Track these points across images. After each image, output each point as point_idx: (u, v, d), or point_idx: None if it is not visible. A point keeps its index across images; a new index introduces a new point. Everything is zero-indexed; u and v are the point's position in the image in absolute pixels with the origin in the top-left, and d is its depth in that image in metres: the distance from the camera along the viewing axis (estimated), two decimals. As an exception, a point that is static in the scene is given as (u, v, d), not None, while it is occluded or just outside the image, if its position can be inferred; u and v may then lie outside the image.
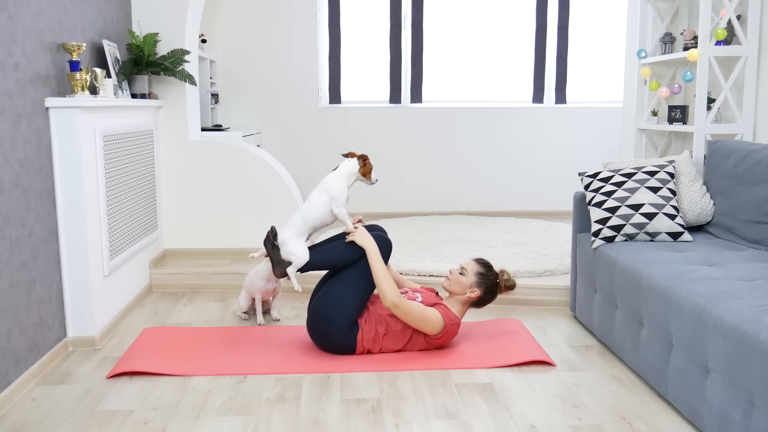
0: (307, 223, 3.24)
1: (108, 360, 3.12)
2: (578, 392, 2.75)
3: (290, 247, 3.18)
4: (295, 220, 3.24)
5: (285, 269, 3.18)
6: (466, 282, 3.15)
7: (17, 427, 2.47)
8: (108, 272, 3.44)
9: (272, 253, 3.19)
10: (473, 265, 3.20)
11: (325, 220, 3.26)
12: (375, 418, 2.53)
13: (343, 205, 3.24)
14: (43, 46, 3.05)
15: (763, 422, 1.99)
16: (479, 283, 3.15)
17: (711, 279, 2.51)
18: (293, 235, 3.21)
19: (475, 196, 6.62)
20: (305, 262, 3.15)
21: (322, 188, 3.27)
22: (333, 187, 3.24)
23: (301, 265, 3.16)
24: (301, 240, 3.22)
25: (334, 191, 3.23)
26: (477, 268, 3.18)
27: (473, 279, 3.15)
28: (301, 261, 3.15)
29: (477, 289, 3.15)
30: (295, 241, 3.20)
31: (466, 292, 3.15)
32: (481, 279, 3.16)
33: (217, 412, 2.57)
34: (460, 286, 3.16)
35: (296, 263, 3.16)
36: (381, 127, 6.49)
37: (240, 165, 4.60)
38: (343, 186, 3.25)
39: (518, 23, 6.52)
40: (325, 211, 3.24)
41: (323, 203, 3.24)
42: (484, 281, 3.16)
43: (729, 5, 3.70)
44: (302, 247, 3.19)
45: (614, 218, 3.25)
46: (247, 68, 6.37)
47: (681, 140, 4.45)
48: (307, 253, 3.17)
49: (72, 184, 3.14)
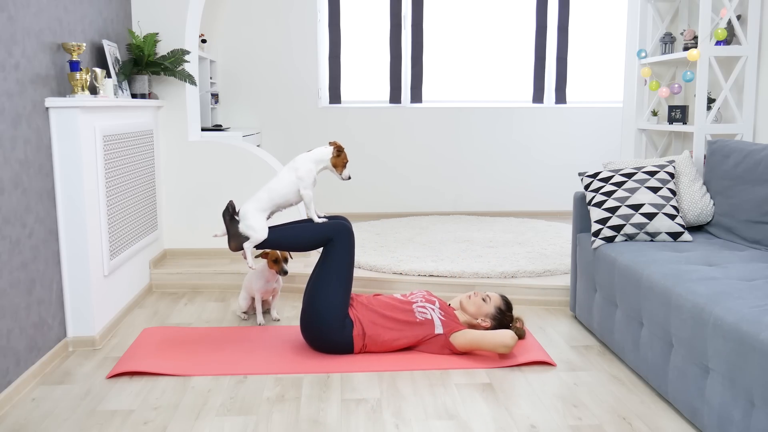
0: (272, 199, 3.19)
1: (108, 360, 3.12)
2: (578, 392, 2.75)
3: (250, 221, 3.12)
4: (260, 194, 3.20)
5: (241, 243, 3.14)
6: (483, 309, 3.19)
7: (17, 427, 2.47)
8: (108, 272, 3.44)
9: (229, 226, 3.15)
10: (497, 299, 3.23)
11: (290, 199, 3.21)
12: (375, 418, 2.53)
13: (309, 187, 3.19)
14: (43, 46, 3.05)
15: (763, 422, 1.99)
16: (494, 317, 3.19)
17: (711, 279, 2.51)
18: (255, 209, 3.16)
19: (475, 196, 6.62)
20: (263, 239, 3.11)
21: (291, 166, 3.23)
22: (301, 167, 3.20)
23: (259, 242, 3.12)
24: (262, 216, 3.17)
25: (301, 171, 3.19)
26: (499, 303, 3.22)
27: (492, 311, 3.19)
28: (259, 237, 3.11)
29: (490, 321, 3.19)
30: (256, 215, 3.15)
31: (478, 318, 3.19)
32: (498, 314, 3.19)
33: (217, 412, 2.57)
34: (476, 310, 3.20)
35: (254, 239, 3.11)
36: (381, 127, 6.49)
37: (240, 165, 4.60)
38: (310, 168, 3.20)
39: (518, 23, 6.52)
40: (291, 190, 3.20)
41: (290, 181, 3.20)
42: (500, 318, 3.20)
43: (729, 5, 3.70)
44: (262, 222, 3.14)
45: (614, 218, 3.25)
46: (247, 68, 6.37)
47: (681, 140, 4.45)
48: (266, 229, 3.13)
49: (72, 184, 3.14)
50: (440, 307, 3.18)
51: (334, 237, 3.11)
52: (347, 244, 3.12)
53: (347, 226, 3.15)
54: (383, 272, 4.15)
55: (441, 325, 3.10)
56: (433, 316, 3.12)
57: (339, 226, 3.12)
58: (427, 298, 3.23)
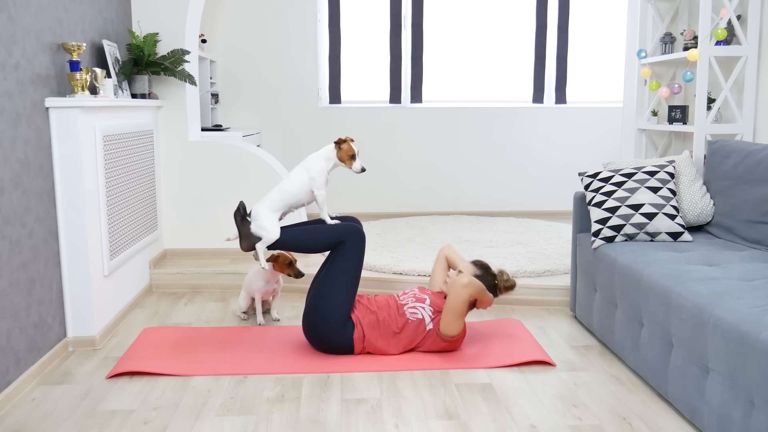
0: (284, 200, 3.19)
1: (108, 360, 3.12)
2: (578, 392, 2.75)
3: (262, 221, 3.12)
4: (272, 194, 3.19)
5: (253, 244, 3.14)
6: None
7: (17, 427, 2.47)
8: (108, 272, 3.44)
9: (241, 226, 3.15)
10: (470, 268, 3.18)
11: (302, 199, 3.21)
12: (375, 418, 2.53)
13: (322, 187, 3.19)
14: (43, 46, 3.05)
15: (763, 422, 1.99)
16: None
17: (711, 279, 2.51)
18: (267, 210, 3.16)
19: (475, 196, 6.62)
20: (275, 239, 3.11)
21: (302, 166, 3.22)
22: (312, 168, 3.19)
23: (271, 242, 3.11)
24: (274, 216, 3.16)
25: (313, 172, 3.18)
26: (473, 271, 3.17)
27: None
28: (271, 237, 3.10)
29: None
30: (269, 215, 3.14)
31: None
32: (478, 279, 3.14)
33: (217, 412, 2.57)
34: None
35: (266, 239, 3.11)
36: (381, 127, 6.49)
37: (240, 165, 4.60)
38: (322, 168, 3.20)
39: (518, 23, 6.52)
40: (303, 190, 3.19)
41: (302, 182, 3.19)
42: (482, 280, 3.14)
43: (729, 5, 3.70)
44: (274, 223, 3.14)
45: (614, 218, 3.25)
46: (247, 68, 6.37)
47: (681, 140, 4.45)
48: (279, 230, 3.12)
49: (72, 184, 3.14)
50: (431, 303, 3.13)
51: (346, 240, 3.10)
52: (358, 248, 3.10)
53: (359, 230, 3.13)
54: (383, 272, 4.15)
55: (431, 321, 3.08)
56: (424, 314, 3.10)
57: (352, 229, 3.10)
58: (418, 297, 3.17)
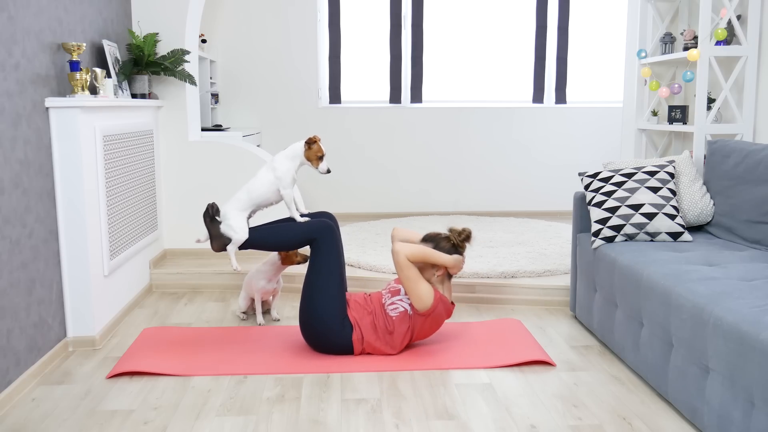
0: (252, 199, 3.20)
1: (108, 360, 3.12)
2: (578, 392, 2.75)
3: (231, 221, 3.14)
4: (240, 194, 3.21)
5: (223, 244, 3.16)
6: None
7: (17, 427, 2.47)
8: (108, 272, 3.44)
9: (210, 227, 3.17)
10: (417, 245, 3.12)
11: (269, 198, 3.22)
12: (375, 418, 2.53)
13: (288, 187, 3.19)
14: (43, 46, 3.05)
15: (763, 422, 1.99)
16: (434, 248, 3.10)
17: (711, 279, 2.51)
18: (235, 209, 3.17)
19: (475, 196, 6.62)
20: (244, 240, 3.13)
21: (269, 166, 3.23)
22: (278, 167, 3.20)
23: (240, 243, 3.13)
24: (242, 216, 3.18)
25: (279, 171, 3.19)
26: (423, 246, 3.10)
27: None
28: (240, 238, 3.12)
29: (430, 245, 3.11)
30: (237, 215, 3.16)
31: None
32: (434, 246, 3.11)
33: (217, 412, 2.57)
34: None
35: (235, 240, 3.13)
36: (381, 127, 6.49)
37: (240, 165, 4.60)
38: (288, 167, 3.20)
39: (518, 23, 6.52)
40: (270, 190, 3.20)
41: (269, 181, 3.20)
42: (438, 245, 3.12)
43: (729, 5, 3.70)
44: (242, 223, 3.15)
45: (614, 218, 3.25)
46: (247, 68, 6.37)
47: (681, 140, 4.45)
48: (247, 230, 3.14)
49: (72, 184, 3.14)
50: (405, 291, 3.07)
51: (318, 237, 3.09)
52: (332, 243, 3.10)
53: (330, 225, 3.12)
54: (383, 272, 4.15)
55: (410, 307, 3.06)
56: (403, 305, 3.07)
57: (321, 225, 3.10)
58: (392, 289, 3.14)
